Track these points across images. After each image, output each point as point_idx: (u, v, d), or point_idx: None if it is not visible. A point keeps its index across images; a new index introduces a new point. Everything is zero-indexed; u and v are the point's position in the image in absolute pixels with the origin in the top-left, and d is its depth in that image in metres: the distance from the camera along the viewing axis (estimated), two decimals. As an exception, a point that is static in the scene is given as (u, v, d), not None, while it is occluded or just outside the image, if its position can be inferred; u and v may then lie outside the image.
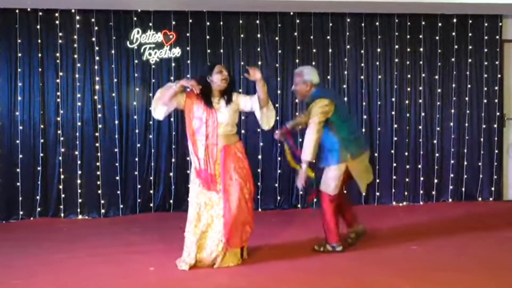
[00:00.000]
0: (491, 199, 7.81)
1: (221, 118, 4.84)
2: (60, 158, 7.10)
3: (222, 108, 4.87)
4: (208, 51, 7.29)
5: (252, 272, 4.78)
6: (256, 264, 4.98)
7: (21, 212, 7.01)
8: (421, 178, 7.71)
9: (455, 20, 7.68)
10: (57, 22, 7.08)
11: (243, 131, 7.29)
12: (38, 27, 7.05)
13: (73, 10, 7.08)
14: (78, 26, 7.11)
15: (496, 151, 7.81)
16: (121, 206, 7.22)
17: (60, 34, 7.09)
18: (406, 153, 7.67)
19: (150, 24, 7.19)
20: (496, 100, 7.78)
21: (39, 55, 7.06)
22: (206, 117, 4.81)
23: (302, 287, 4.45)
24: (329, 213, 5.19)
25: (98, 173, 7.17)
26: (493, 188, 7.82)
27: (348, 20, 7.53)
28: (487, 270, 4.73)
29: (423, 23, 7.64)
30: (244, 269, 4.85)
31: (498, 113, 7.79)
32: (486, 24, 7.72)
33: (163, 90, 4.87)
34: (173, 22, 7.24)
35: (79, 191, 7.14)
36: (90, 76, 7.15)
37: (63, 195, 7.12)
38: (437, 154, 7.74)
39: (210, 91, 4.89)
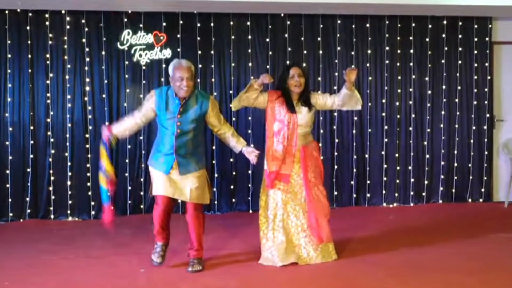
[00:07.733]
0: (481, 200, 7.84)
1: (300, 120, 4.99)
2: (50, 159, 7.07)
3: (302, 109, 5.02)
4: (199, 52, 7.28)
5: (242, 271, 4.79)
6: (245, 263, 5.01)
7: (10, 214, 6.98)
8: (412, 180, 7.73)
9: (445, 22, 7.71)
10: (47, 23, 7.05)
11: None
12: (28, 28, 7.02)
13: (63, 11, 7.05)
14: (68, 27, 7.08)
15: (486, 153, 7.84)
16: (112, 207, 7.18)
17: (50, 35, 7.07)
18: (397, 155, 7.69)
19: (141, 25, 7.18)
20: (486, 102, 7.81)
21: (29, 56, 7.03)
22: (288, 120, 4.96)
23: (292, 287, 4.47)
24: None
25: (88, 174, 7.15)
26: (483, 190, 7.85)
27: (339, 21, 7.55)
28: (482, 270, 4.77)
29: (413, 25, 7.67)
30: (234, 268, 4.86)
31: (488, 115, 7.82)
32: (476, 26, 7.75)
33: (247, 90, 4.98)
34: (164, 24, 7.23)
35: (69, 192, 7.11)
36: (80, 77, 7.13)
37: (53, 197, 7.09)
38: (427, 156, 7.76)
39: (289, 93, 5.05)
